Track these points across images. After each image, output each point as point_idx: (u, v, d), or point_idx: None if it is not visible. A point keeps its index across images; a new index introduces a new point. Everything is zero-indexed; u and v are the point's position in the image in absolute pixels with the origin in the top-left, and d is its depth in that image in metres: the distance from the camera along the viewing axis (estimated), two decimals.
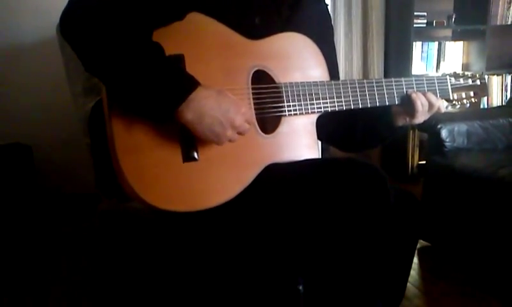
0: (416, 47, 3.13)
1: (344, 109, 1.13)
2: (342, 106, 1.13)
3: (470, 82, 1.29)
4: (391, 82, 1.18)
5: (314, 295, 1.03)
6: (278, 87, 1.08)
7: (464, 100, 1.28)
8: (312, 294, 1.02)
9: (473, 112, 2.27)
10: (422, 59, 3.19)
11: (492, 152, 2.07)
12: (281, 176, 1.04)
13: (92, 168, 0.99)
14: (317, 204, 0.98)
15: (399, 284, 1.18)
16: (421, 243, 2.13)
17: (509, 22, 3.24)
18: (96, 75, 0.91)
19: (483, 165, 1.87)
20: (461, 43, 3.25)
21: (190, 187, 0.96)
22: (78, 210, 2.59)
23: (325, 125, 1.16)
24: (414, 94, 1.16)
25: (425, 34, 3.22)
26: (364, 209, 0.96)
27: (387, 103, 1.17)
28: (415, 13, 2.98)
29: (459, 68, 3.23)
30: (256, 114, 1.05)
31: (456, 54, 3.24)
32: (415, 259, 2.02)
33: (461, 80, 1.28)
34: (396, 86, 1.18)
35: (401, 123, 1.21)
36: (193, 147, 0.95)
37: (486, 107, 3.22)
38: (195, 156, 0.95)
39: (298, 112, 1.09)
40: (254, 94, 1.05)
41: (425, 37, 3.20)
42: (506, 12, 3.22)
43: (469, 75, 1.29)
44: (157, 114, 0.89)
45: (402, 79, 1.19)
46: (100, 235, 1.27)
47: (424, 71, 3.18)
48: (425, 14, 3.08)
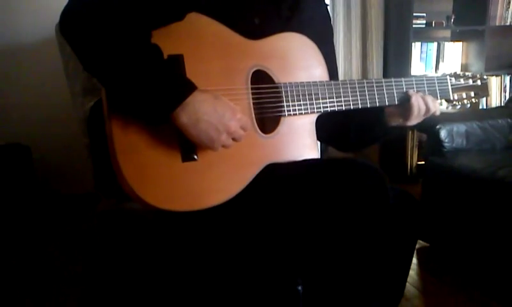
0: (416, 47, 3.13)
1: (344, 109, 1.13)
2: (341, 106, 1.13)
3: (470, 82, 1.29)
4: (391, 82, 1.18)
5: (313, 296, 1.03)
6: (277, 87, 1.08)
7: (465, 100, 1.28)
8: (311, 294, 1.02)
9: (472, 112, 2.27)
10: (421, 59, 3.19)
11: (491, 153, 2.08)
12: (280, 177, 1.04)
13: (91, 168, 0.99)
14: (316, 204, 0.98)
15: (398, 284, 1.18)
16: (420, 243, 2.13)
17: (508, 23, 3.24)
18: (94, 75, 0.91)
19: (482, 165, 1.87)
20: (460, 43, 3.25)
21: (189, 187, 0.96)
22: (77, 210, 2.59)
23: (322, 125, 1.16)
24: (414, 97, 1.16)
25: (424, 35, 3.22)
26: (363, 209, 0.96)
27: (387, 104, 1.17)
28: (414, 14, 2.98)
29: (458, 69, 3.24)
30: (255, 114, 1.05)
31: (455, 54, 3.24)
32: (414, 260, 2.01)
33: (462, 81, 1.27)
34: (396, 86, 1.18)
35: (395, 124, 1.21)
36: (192, 147, 0.95)
37: (484, 107, 3.22)
38: (194, 156, 0.95)
39: (298, 112, 1.09)
40: (253, 94, 1.05)
41: (424, 37, 3.21)
42: (505, 13, 3.22)
43: (470, 75, 1.29)
44: (152, 117, 0.89)
45: (402, 79, 1.19)
46: (99, 235, 1.26)
47: (423, 72, 3.18)
48: (425, 14, 3.08)
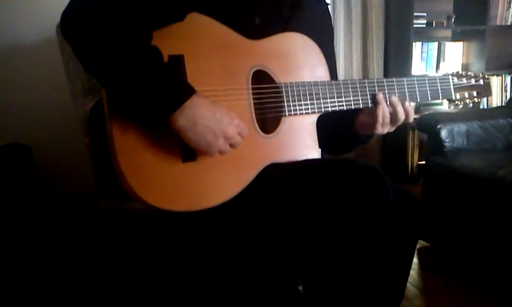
0: (416, 47, 3.13)
1: (345, 109, 1.13)
2: (342, 106, 1.13)
3: (473, 81, 1.28)
4: (392, 82, 1.17)
5: (314, 296, 1.03)
6: (278, 87, 1.08)
7: (467, 100, 1.27)
8: (312, 294, 1.02)
9: (473, 112, 2.27)
10: (422, 59, 3.19)
11: (491, 152, 2.08)
12: (281, 177, 1.04)
13: (92, 168, 0.99)
14: (317, 204, 0.98)
15: (399, 284, 1.17)
16: (421, 243, 2.13)
17: (509, 23, 3.24)
18: (94, 76, 0.91)
19: (482, 165, 1.87)
20: (461, 43, 3.25)
21: (189, 187, 0.96)
22: (77, 210, 2.59)
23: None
24: (380, 105, 1.12)
25: (425, 35, 3.21)
26: (364, 209, 0.96)
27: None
28: (415, 14, 2.98)
29: (459, 69, 3.24)
30: (256, 114, 1.05)
31: (456, 54, 3.24)
32: (415, 260, 2.02)
33: (464, 80, 1.27)
34: (398, 86, 1.17)
35: (363, 132, 1.18)
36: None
37: (485, 107, 3.22)
38: (194, 156, 0.95)
39: (298, 112, 1.09)
40: (254, 94, 1.05)
41: (425, 37, 3.20)
42: (506, 12, 3.22)
43: (472, 74, 1.29)
44: (150, 119, 0.89)
45: (404, 79, 1.18)
46: (99, 235, 1.26)
47: (424, 72, 3.18)
48: (425, 14, 3.08)
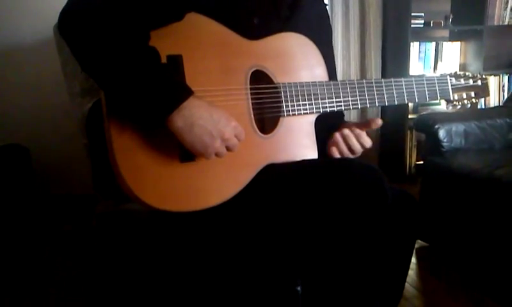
0: (414, 47, 3.13)
1: (343, 109, 1.13)
2: (341, 106, 1.13)
3: (471, 82, 1.28)
4: (390, 82, 1.17)
5: (312, 296, 1.03)
6: (276, 87, 1.08)
7: (465, 101, 1.28)
8: (311, 295, 1.02)
9: (471, 112, 2.27)
10: (420, 59, 3.19)
11: (489, 152, 2.07)
12: (279, 177, 1.04)
13: (90, 169, 0.99)
14: (315, 204, 0.98)
15: (398, 284, 1.18)
16: (419, 243, 2.13)
17: (506, 22, 3.25)
18: (92, 76, 0.91)
19: (480, 165, 1.87)
20: (459, 43, 3.25)
21: (187, 187, 0.96)
22: (76, 211, 2.58)
23: None
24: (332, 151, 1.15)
25: (422, 35, 3.22)
26: (362, 209, 0.96)
27: (386, 104, 1.16)
28: (413, 14, 2.98)
29: (457, 68, 3.24)
30: (254, 114, 1.05)
31: (454, 54, 3.24)
32: (413, 260, 2.02)
33: (462, 81, 1.27)
34: (396, 87, 1.17)
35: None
36: None
37: (483, 107, 3.22)
38: (193, 156, 0.95)
39: (297, 112, 1.09)
40: (252, 94, 1.05)
41: (422, 37, 3.21)
42: (503, 12, 3.23)
43: (470, 75, 1.29)
44: (148, 120, 0.89)
45: (402, 79, 1.18)
46: (97, 236, 1.26)
47: (422, 72, 3.18)
48: (423, 14, 3.08)
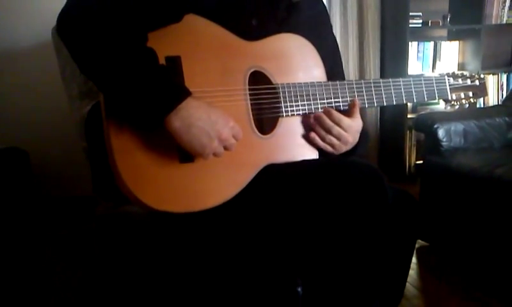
0: (412, 46, 3.13)
1: (342, 109, 1.13)
2: (339, 106, 1.13)
3: (468, 82, 1.29)
4: (389, 82, 1.17)
5: (313, 297, 1.03)
6: (275, 88, 1.08)
7: (463, 100, 1.28)
8: (311, 295, 1.02)
9: (470, 111, 2.27)
10: (418, 59, 3.19)
11: (488, 151, 2.08)
12: (279, 177, 1.04)
13: (89, 171, 0.99)
14: (315, 204, 0.98)
15: (398, 284, 1.18)
16: (419, 243, 2.13)
17: (504, 22, 3.25)
18: (90, 78, 0.92)
19: (480, 164, 1.88)
20: (457, 42, 3.25)
21: (187, 188, 0.96)
22: (75, 213, 2.58)
23: None
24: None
25: (420, 34, 3.22)
26: (362, 209, 0.96)
27: (385, 104, 1.17)
28: (411, 13, 2.98)
29: (455, 68, 3.24)
30: (253, 115, 1.05)
31: (452, 53, 3.24)
32: (414, 259, 2.02)
33: (460, 81, 1.27)
34: (394, 87, 1.18)
35: None
36: None
37: (482, 106, 3.22)
38: (192, 157, 0.95)
39: (295, 112, 1.09)
40: (251, 95, 1.05)
41: (421, 37, 3.21)
42: (501, 11, 3.23)
43: (468, 75, 1.29)
44: (146, 121, 0.89)
45: (401, 80, 1.19)
46: (97, 238, 1.26)
47: (420, 71, 3.19)
48: (421, 14, 3.08)
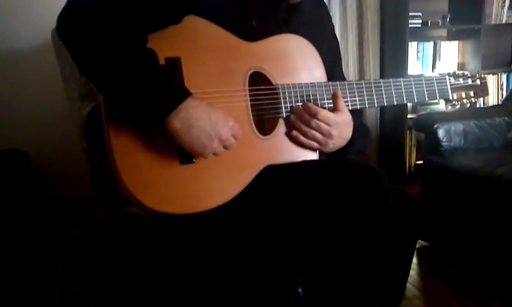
0: (412, 47, 3.13)
1: None
2: None
3: (469, 81, 1.29)
4: (389, 82, 1.17)
5: (313, 297, 1.02)
6: (275, 88, 1.08)
7: (464, 100, 1.28)
8: (311, 296, 1.02)
9: (470, 111, 2.27)
10: (418, 59, 3.19)
11: (489, 151, 2.08)
12: (279, 178, 1.04)
13: (89, 173, 0.99)
14: (315, 205, 0.98)
15: (399, 284, 1.18)
16: (420, 243, 2.13)
17: (504, 21, 3.25)
18: (90, 79, 0.92)
19: (480, 164, 1.88)
20: (456, 42, 3.25)
21: (187, 189, 0.96)
22: (76, 215, 2.58)
23: None
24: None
25: (420, 34, 3.22)
26: (362, 210, 0.96)
27: (385, 104, 1.17)
28: (410, 13, 2.98)
29: (455, 68, 3.24)
30: (253, 115, 1.05)
31: (452, 53, 3.24)
32: (414, 260, 2.02)
33: (461, 80, 1.27)
34: (394, 87, 1.18)
35: None
36: None
37: (482, 106, 3.22)
38: (192, 158, 0.95)
39: None
40: (251, 96, 1.05)
41: (420, 37, 3.21)
42: (500, 11, 3.23)
43: (468, 74, 1.29)
44: (146, 122, 0.89)
45: (401, 80, 1.19)
46: (98, 239, 1.26)
47: (420, 71, 3.19)
48: (420, 14, 3.08)
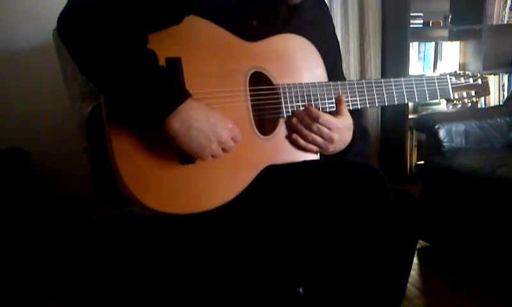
0: (413, 47, 3.13)
1: None
2: None
3: (471, 81, 1.29)
4: (390, 82, 1.17)
5: (314, 297, 1.02)
6: (275, 88, 1.08)
7: (466, 100, 1.28)
8: (312, 296, 1.02)
9: (471, 112, 2.27)
10: (419, 59, 3.19)
11: (490, 151, 2.08)
12: (280, 178, 1.04)
13: (90, 172, 0.99)
14: (316, 205, 0.98)
15: (399, 284, 1.17)
16: (420, 243, 2.13)
17: (505, 22, 3.25)
18: (90, 79, 0.92)
19: (481, 164, 1.88)
20: (458, 43, 3.25)
21: (188, 189, 0.96)
22: (76, 214, 2.58)
23: None
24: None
25: (421, 35, 3.22)
26: (363, 210, 0.96)
27: (386, 104, 1.17)
28: (412, 14, 2.98)
29: (456, 68, 3.24)
30: (254, 115, 1.05)
31: (453, 53, 3.24)
32: (415, 260, 2.01)
33: (462, 80, 1.27)
34: (395, 86, 1.18)
35: None
36: None
37: (483, 106, 3.22)
38: (192, 158, 0.95)
39: None
40: (252, 96, 1.05)
41: (421, 37, 3.21)
42: (502, 12, 3.23)
43: (470, 74, 1.29)
44: (145, 123, 0.89)
45: (402, 79, 1.19)
46: (99, 239, 1.26)
47: (421, 72, 3.18)
48: (422, 14, 3.08)
